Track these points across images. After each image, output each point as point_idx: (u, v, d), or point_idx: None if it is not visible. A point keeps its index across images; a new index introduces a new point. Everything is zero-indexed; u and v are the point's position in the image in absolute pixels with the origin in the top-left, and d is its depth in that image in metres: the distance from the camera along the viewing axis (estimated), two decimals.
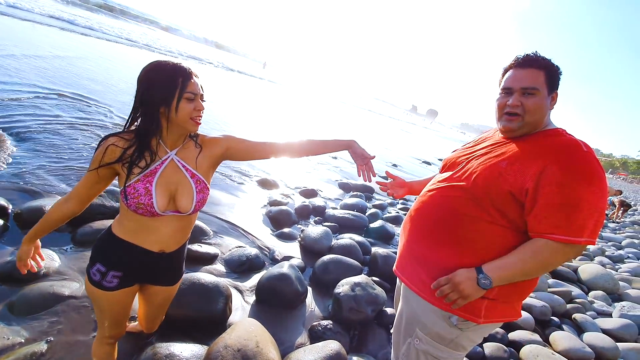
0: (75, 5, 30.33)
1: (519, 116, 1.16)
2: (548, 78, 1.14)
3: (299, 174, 6.11)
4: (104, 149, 1.10)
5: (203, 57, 24.12)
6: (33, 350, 1.59)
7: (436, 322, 1.21)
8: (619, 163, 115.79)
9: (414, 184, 1.64)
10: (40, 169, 3.27)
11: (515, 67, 1.18)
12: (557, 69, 1.15)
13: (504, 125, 1.21)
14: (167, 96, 1.07)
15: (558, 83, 1.17)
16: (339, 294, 2.43)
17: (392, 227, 4.40)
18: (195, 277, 2.10)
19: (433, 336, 1.23)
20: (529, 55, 1.16)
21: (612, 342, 2.78)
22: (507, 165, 1.11)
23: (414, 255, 1.30)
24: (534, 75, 1.13)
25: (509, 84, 1.18)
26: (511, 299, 1.19)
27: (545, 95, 1.14)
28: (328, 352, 1.90)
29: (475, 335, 1.22)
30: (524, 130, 1.17)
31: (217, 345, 1.69)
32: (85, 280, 1.25)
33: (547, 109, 1.16)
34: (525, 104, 1.14)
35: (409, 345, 1.30)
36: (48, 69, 7.30)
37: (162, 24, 63.45)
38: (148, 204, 1.11)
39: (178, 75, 1.07)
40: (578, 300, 3.59)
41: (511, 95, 1.18)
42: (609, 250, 6.41)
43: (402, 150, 14.84)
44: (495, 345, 2.44)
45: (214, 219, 3.41)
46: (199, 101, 1.13)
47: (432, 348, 1.24)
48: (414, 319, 1.28)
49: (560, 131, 1.15)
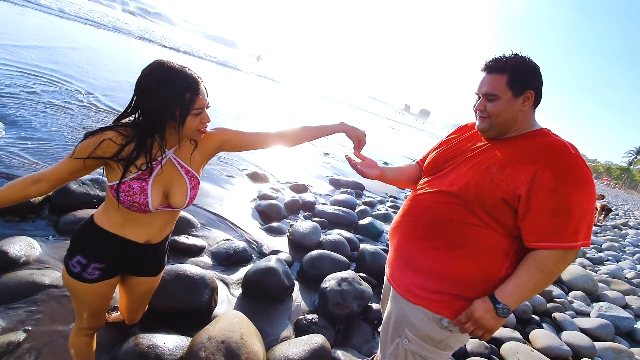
0: None
1: (487, 118, 1.20)
2: (511, 80, 1.14)
3: (290, 168, 6.09)
4: (99, 141, 1.03)
5: (193, 49, 22.87)
6: (10, 340, 1.55)
7: (427, 323, 1.22)
8: (603, 168, 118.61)
9: (387, 170, 1.56)
10: (15, 150, 3.18)
11: (482, 72, 1.22)
12: (527, 68, 1.14)
13: (477, 126, 1.26)
14: (173, 112, 1.03)
15: (530, 82, 1.15)
16: (325, 288, 2.44)
17: (381, 225, 4.42)
18: (181, 268, 2.08)
19: (423, 337, 1.24)
20: (494, 59, 1.19)
21: (589, 341, 2.86)
22: (498, 170, 1.12)
23: (405, 261, 1.30)
24: (495, 80, 1.16)
25: (477, 89, 1.23)
26: None
27: (508, 97, 1.15)
28: (312, 345, 1.91)
29: (463, 336, 1.24)
30: (495, 130, 1.21)
31: (200, 336, 1.67)
32: (63, 271, 1.19)
33: (516, 110, 1.16)
34: (488, 109, 1.19)
35: (397, 345, 1.31)
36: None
37: (151, 11, 61.41)
38: (143, 202, 1.09)
39: (186, 90, 1.03)
40: (558, 300, 3.68)
41: (478, 99, 1.23)
42: (589, 253, 6.58)
43: (394, 149, 14.91)
44: (477, 342, 2.48)
45: (201, 211, 3.38)
46: (205, 113, 1.12)
47: (420, 349, 1.25)
48: (403, 319, 1.29)
49: (546, 131, 1.17)
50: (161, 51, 15.79)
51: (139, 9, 44.19)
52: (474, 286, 1.16)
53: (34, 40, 8.59)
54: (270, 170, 5.41)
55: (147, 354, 1.58)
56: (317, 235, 3.42)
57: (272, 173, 5.33)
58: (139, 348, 1.59)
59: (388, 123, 33.41)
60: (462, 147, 1.33)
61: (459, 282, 1.17)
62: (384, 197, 6.48)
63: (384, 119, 14.92)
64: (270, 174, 5.27)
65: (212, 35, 51.15)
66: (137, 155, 1.06)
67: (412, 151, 16.94)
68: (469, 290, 1.16)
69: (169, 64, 1.05)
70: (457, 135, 1.42)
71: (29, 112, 4.22)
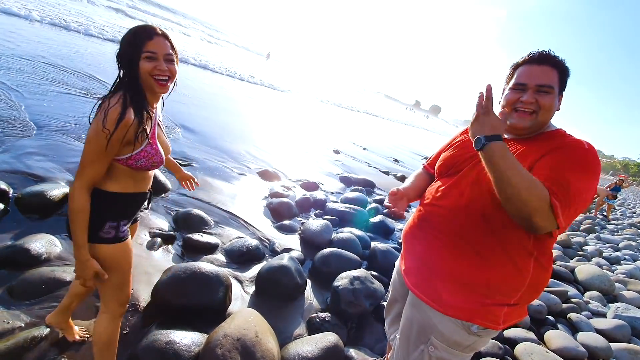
0: None
1: (533, 113, 1.13)
2: (560, 77, 1.12)
3: (301, 166, 6.10)
4: (126, 128, 1.12)
5: (193, 54, 20.61)
6: (33, 335, 1.60)
7: (456, 331, 1.19)
8: (620, 165, 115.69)
9: (409, 190, 1.48)
10: (41, 154, 3.26)
11: (529, 63, 1.15)
12: (568, 70, 1.14)
13: (514, 122, 1.17)
14: (131, 56, 1.14)
15: (566, 84, 1.15)
16: (337, 287, 2.45)
17: (392, 223, 4.41)
18: (196, 266, 2.11)
19: (450, 343, 1.21)
20: (545, 52, 1.13)
21: (605, 342, 2.81)
22: None
23: (432, 271, 1.25)
24: (549, 72, 1.11)
25: (523, 79, 1.14)
26: (526, 301, 1.18)
27: (556, 94, 1.13)
28: (325, 343, 1.92)
29: (489, 338, 1.24)
30: (534, 128, 1.16)
31: (216, 333, 1.70)
32: (93, 249, 1.20)
33: (556, 108, 1.15)
34: (540, 102, 1.12)
35: (422, 353, 1.28)
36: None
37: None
38: (160, 161, 1.29)
39: (140, 34, 1.14)
40: (574, 300, 3.62)
41: (524, 92, 1.14)
42: (606, 252, 6.43)
43: (403, 146, 14.82)
44: (491, 342, 2.46)
45: (215, 209, 3.42)
46: (162, 61, 1.17)
47: (447, 354, 1.23)
48: (428, 327, 1.25)
49: (562, 132, 1.15)
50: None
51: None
52: (503, 291, 1.14)
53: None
54: (281, 168, 5.44)
55: (166, 350, 1.61)
56: (328, 233, 3.43)
57: (283, 171, 5.36)
58: (157, 344, 1.63)
59: (398, 120, 33.13)
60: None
61: (489, 288, 1.14)
62: None
63: (390, 121, 14.52)
64: (281, 171, 5.30)
65: (216, 32, 50.92)
66: (145, 124, 1.18)
67: (423, 148, 16.81)
68: (500, 296, 1.14)
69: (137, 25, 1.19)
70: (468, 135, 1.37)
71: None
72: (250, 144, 6.22)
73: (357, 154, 9.01)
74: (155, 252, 2.52)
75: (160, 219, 2.94)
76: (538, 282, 1.15)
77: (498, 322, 1.15)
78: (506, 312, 1.15)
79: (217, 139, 5.80)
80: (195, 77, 11.24)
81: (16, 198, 2.49)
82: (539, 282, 1.16)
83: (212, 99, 9.37)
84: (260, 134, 7.28)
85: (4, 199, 2.46)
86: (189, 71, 11.95)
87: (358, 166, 7.69)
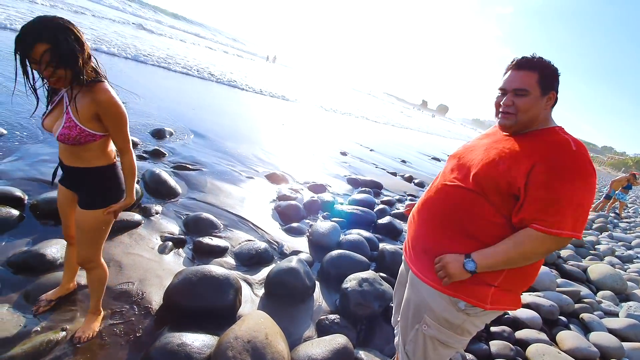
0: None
1: (513, 114, 1.23)
2: (541, 79, 1.20)
3: (308, 168, 6.13)
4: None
5: (198, 63, 15.37)
6: (49, 339, 1.64)
7: (445, 307, 1.28)
8: (632, 162, 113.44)
9: None
10: (54, 160, 3.34)
11: (511, 69, 1.26)
12: (552, 70, 1.21)
13: (500, 122, 1.30)
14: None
15: (554, 84, 1.22)
16: (346, 289, 2.46)
17: (400, 224, 4.40)
18: (207, 269, 2.14)
19: (441, 322, 1.31)
20: (525, 57, 1.24)
21: (617, 342, 2.78)
22: (502, 162, 1.19)
23: (422, 247, 1.38)
24: (526, 77, 1.21)
25: (504, 84, 1.26)
26: (514, 288, 1.27)
27: (537, 95, 1.20)
28: (335, 345, 1.93)
29: (479, 321, 1.30)
30: (518, 127, 1.25)
31: (227, 336, 1.73)
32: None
33: (540, 108, 1.22)
34: (516, 104, 1.22)
35: (417, 331, 1.39)
36: None
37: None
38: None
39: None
40: (586, 300, 3.57)
41: (504, 95, 1.26)
42: (618, 250, 6.33)
43: (410, 146, 14.75)
44: (502, 344, 2.45)
45: (224, 213, 3.46)
46: (40, 67, 1.30)
47: (439, 333, 1.32)
48: (422, 305, 1.35)
49: (556, 130, 1.21)
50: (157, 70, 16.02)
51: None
52: (487, 272, 1.22)
53: None
54: (288, 171, 5.47)
55: (178, 352, 1.65)
56: (336, 235, 3.44)
57: (290, 173, 5.39)
58: (169, 347, 1.66)
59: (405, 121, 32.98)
60: (480, 141, 1.40)
61: None
62: (403, 195, 6.44)
63: (392, 126, 14.30)
64: (289, 174, 5.33)
65: (221, 34, 51.04)
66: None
67: (430, 148, 16.71)
68: (483, 274, 1.22)
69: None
70: (480, 136, 1.48)
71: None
72: (258, 148, 6.27)
73: (364, 156, 9.00)
74: (167, 256, 2.56)
75: (171, 223, 2.99)
76: (525, 270, 1.23)
77: (485, 301, 1.22)
78: (493, 293, 1.22)
79: (225, 143, 5.86)
80: (202, 87, 11.36)
81: (31, 204, 2.56)
82: (527, 270, 1.23)
83: (220, 105, 9.47)
84: (268, 138, 7.33)
85: (19, 205, 2.53)
86: (195, 82, 12.07)
87: (365, 167, 7.69)
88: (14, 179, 2.85)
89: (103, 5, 29.28)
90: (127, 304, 2.01)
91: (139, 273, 2.28)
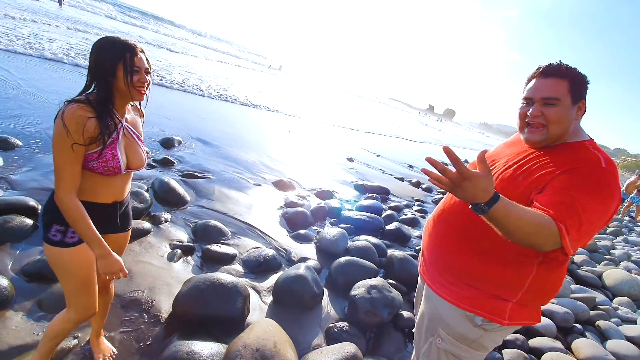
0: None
1: (543, 127, 1.14)
2: (572, 87, 1.11)
3: (315, 175, 6.14)
4: (84, 122, 1.14)
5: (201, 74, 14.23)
6: (61, 347, 1.66)
7: (460, 322, 1.23)
8: None
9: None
10: None
11: (537, 77, 1.16)
12: (582, 77, 1.13)
13: (526, 137, 1.19)
14: (116, 69, 1.20)
15: (584, 92, 1.14)
16: (354, 296, 2.44)
17: (408, 229, 4.36)
18: (215, 277, 2.15)
19: (456, 336, 1.25)
20: (552, 64, 1.14)
21: (636, 350, 2.69)
22: (524, 179, 1.12)
23: (438, 260, 1.33)
24: (556, 84, 1.11)
25: (530, 93, 1.16)
26: (534, 303, 1.20)
27: (568, 104, 1.11)
28: (344, 354, 1.91)
29: (497, 336, 1.24)
30: (548, 141, 1.15)
31: (236, 344, 1.73)
32: (45, 249, 1.26)
33: (571, 119, 1.13)
34: (546, 114, 1.12)
35: (431, 345, 1.33)
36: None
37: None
38: (116, 167, 1.27)
39: (125, 50, 1.21)
40: (602, 307, 3.48)
41: (532, 105, 1.16)
42: (635, 255, 6.16)
43: (418, 151, 14.68)
44: (516, 352, 2.39)
45: (232, 220, 3.48)
46: (143, 74, 1.27)
47: (454, 347, 1.26)
48: (436, 318, 1.30)
49: (586, 144, 1.12)
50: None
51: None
52: (505, 287, 1.16)
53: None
54: (295, 178, 5.48)
55: None
56: (344, 241, 3.43)
57: (297, 180, 5.40)
58: (179, 355, 1.67)
59: (412, 127, 32.85)
60: (504, 150, 1.33)
61: (491, 283, 1.18)
62: (411, 201, 6.39)
63: (398, 138, 13.91)
64: (296, 181, 5.34)
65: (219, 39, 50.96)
66: (106, 125, 1.22)
67: (439, 153, 16.59)
68: (499, 290, 1.17)
69: (111, 36, 1.24)
70: (505, 143, 1.40)
71: None
72: (265, 155, 6.31)
73: (371, 161, 8.98)
74: (176, 264, 2.58)
75: (180, 231, 3.02)
76: (544, 287, 1.16)
77: (503, 316, 1.16)
78: (512, 309, 1.16)
79: (232, 151, 5.91)
80: (207, 99, 11.52)
81: None
82: (546, 286, 1.16)
83: (227, 114, 9.58)
84: (274, 145, 7.38)
85: (33, 214, 2.58)
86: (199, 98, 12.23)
87: (372, 173, 7.67)
88: (28, 188, 2.92)
89: (101, 16, 29.53)
90: (136, 312, 2.02)
91: (149, 281, 2.30)
